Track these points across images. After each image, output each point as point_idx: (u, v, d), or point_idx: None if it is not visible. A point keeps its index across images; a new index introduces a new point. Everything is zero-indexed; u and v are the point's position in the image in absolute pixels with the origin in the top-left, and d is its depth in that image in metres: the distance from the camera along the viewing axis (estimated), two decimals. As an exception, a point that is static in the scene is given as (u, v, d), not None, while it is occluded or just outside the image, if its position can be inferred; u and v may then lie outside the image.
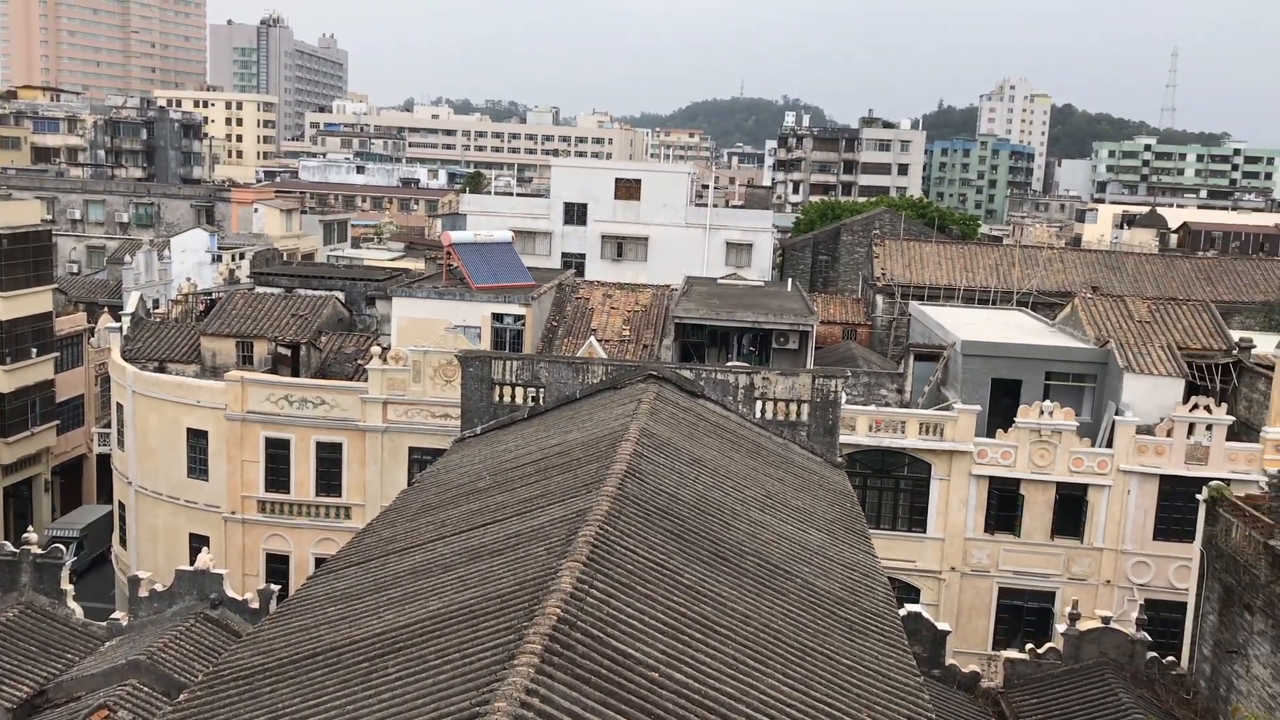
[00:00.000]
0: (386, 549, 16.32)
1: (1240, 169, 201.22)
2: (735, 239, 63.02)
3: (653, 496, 15.67)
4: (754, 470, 20.34)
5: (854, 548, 18.19)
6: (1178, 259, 57.94)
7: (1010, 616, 35.12)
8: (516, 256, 44.68)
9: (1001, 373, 36.70)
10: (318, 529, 36.85)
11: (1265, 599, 23.89)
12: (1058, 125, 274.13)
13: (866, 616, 14.91)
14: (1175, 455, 33.80)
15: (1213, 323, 39.54)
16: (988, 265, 53.11)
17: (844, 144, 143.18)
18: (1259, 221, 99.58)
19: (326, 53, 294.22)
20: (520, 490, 17.20)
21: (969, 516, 34.89)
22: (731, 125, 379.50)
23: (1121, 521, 34.28)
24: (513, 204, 67.36)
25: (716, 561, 14.52)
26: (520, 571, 12.65)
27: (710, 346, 41.50)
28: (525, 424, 23.33)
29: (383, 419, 36.27)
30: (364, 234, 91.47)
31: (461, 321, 39.64)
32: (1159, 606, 32.78)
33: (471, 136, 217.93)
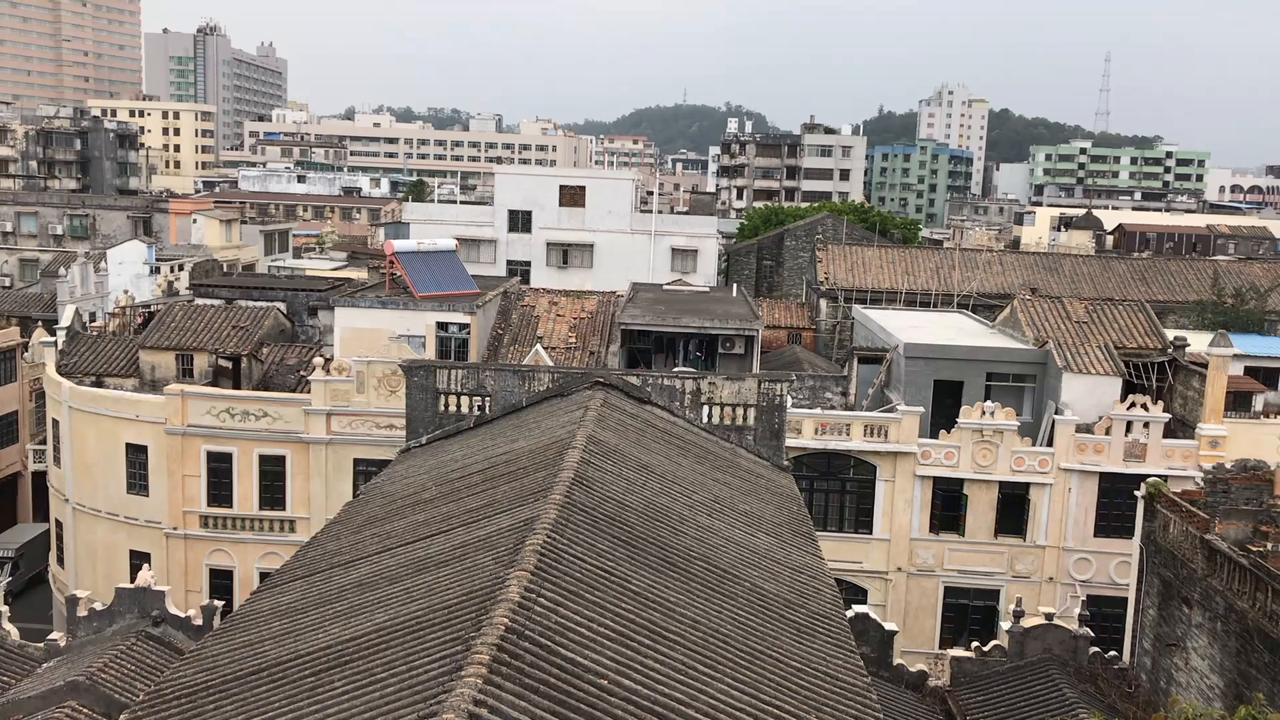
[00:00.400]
0: (331, 562, 16.15)
1: (1173, 171, 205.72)
2: (680, 245, 63.20)
3: (601, 503, 15.67)
4: (702, 475, 20.41)
5: (801, 550, 18.31)
6: (1113, 260, 59.05)
7: (956, 615, 35.53)
8: (460, 265, 44.46)
9: (943, 374, 37.16)
10: (262, 543, 36.36)
11: (1202, 592, 24.40)
12: (995, 130, 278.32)
13: (814, 618, 15.01)
14: (1114, 453, 34.43)
15: (1148, 322, 40.34)
16: (929, 268, 53.76)
17: (786, 150, 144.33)
18: (1191, 222, 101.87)
19: (265, 61, 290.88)
20: (467, 500, 17.11)
21: (914, 517, 35.26)
22: (675, 132, 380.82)
23: (1063, 519, 34.84)
24: (456, 212, 67.03)
25: (665, 567, 14.55)
26: (467, 582, 12.58)
27: (657, 352, 41.59)
28: (471, 433, 23.21)
29: (327, 431, 35.88)
30: (306, 244, 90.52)
31: (406, 331, 39.36)
32: (1101, 602, 33.33)
33: (414, 144, 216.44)
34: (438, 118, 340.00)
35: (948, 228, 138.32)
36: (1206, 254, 78.33)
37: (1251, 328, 45.51)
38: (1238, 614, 22.84)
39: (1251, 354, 40.50)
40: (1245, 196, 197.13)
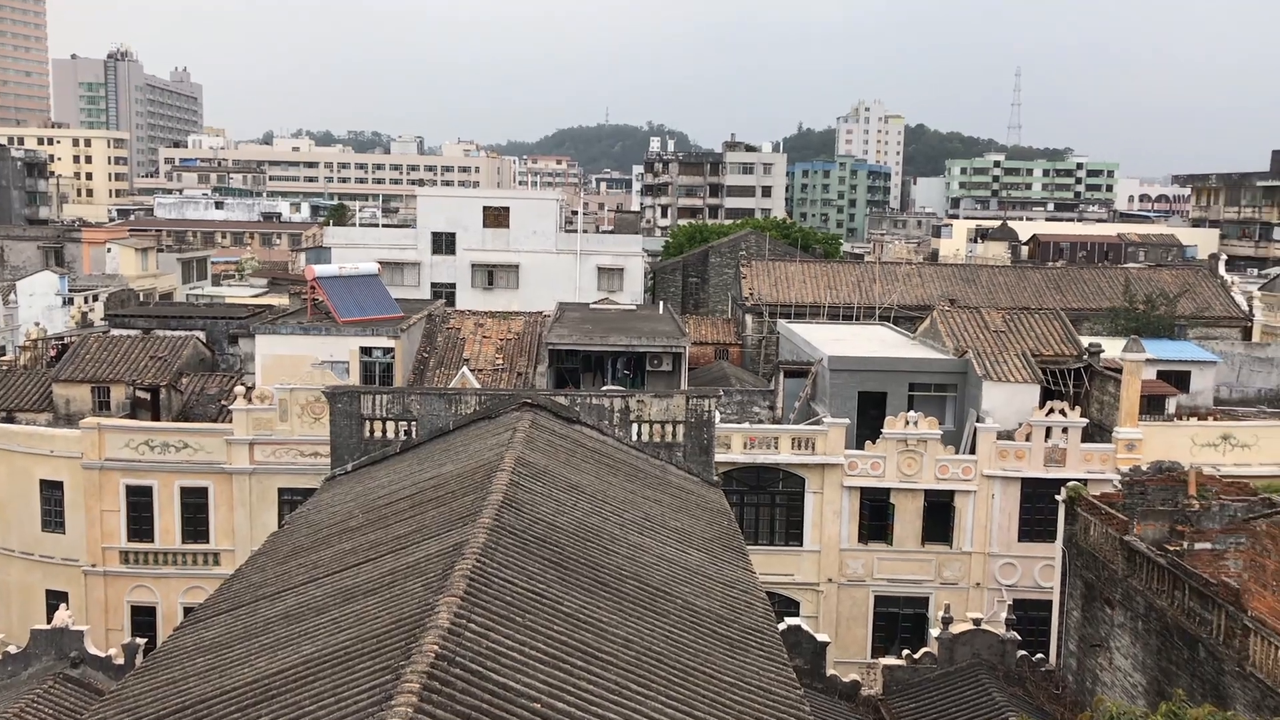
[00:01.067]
0: (257, 594, 15.84)
1: (1083, 182, 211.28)
2: (606, 264, 63.32)
3: (530, 525, 15.59)
4: (632, 493, 20.41)
5: (732, 565, 18.39)
6: (1029, 270, 60.38)
7: (887, 624, 35.92)
8: (383, 288, 44.04)
9: (867, 386, 37.65)
10: (185, 577, 35.54)
11: (1123, 593, 24.99)
12: (912, 145, 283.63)
13: (746, 633, 15.07)
14: (1034, 459, 35.15)
15: (1064, 330, 41.31)
16: (850, 282, 54.50)
17: (709, 168, 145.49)
18: (1102, 232, 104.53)
19: (179, 86, 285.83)
20: (395, 527, 16.91)
21: (843, 527, 35.62)
22: (598, 152, 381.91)
23: (987, 525, 35.44)
24: (379, 235, 66.41)
25: (597, 587, 14.51)
26: (396, 610, 12.42)
27: (585, 372, 41.56)
28: (398, 459, 22.96)
29: (250, 460, 35.24)
30: (225, 271, 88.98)
31: (329, 357, 38.87)
32: (1026, 606, 33.96)
33: (334, 168, 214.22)
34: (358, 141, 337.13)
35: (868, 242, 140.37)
36: (1118, 262, 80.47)
37: (1162, 333, 46.81)
38: (1157, 612, 23.43)
39: (1163, 358, 41.65)
40: (1153, 205, 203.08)
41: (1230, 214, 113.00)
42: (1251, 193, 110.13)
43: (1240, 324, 52.41)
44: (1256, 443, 35.90)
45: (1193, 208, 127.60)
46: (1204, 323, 51.44)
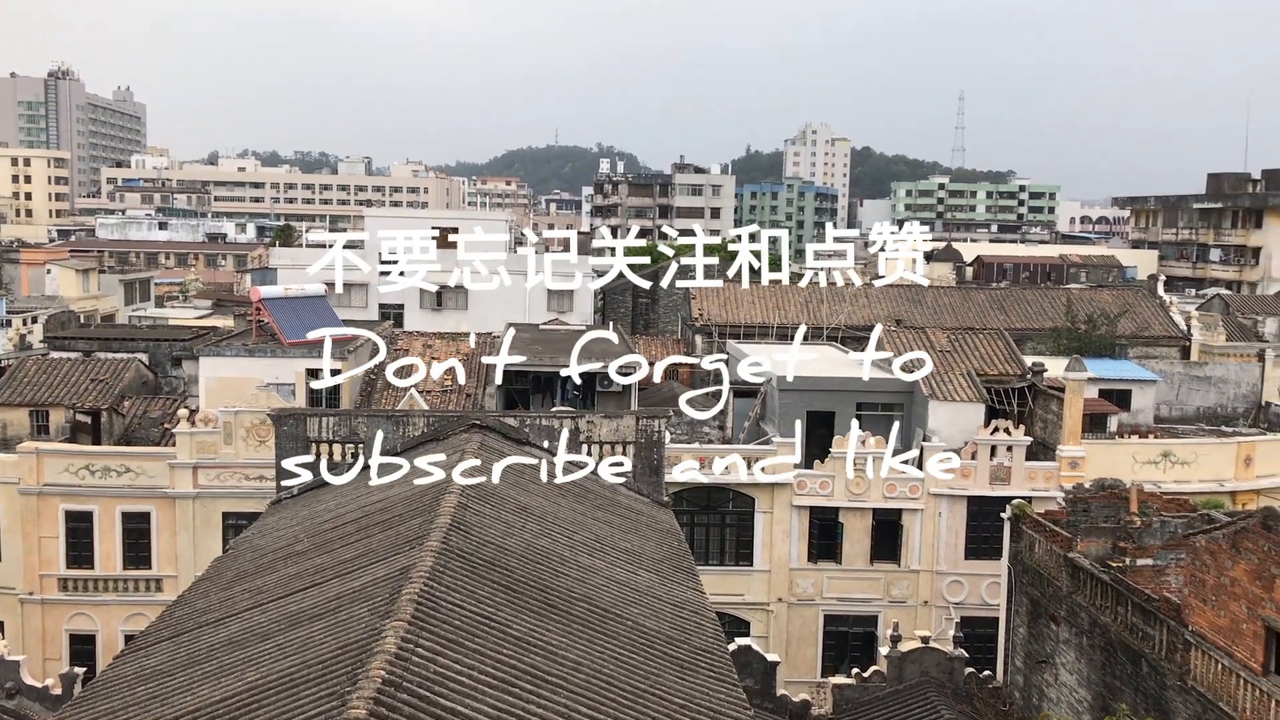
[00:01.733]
0: (200, 621, 15.58)
1: (1026, 204, 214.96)
2: (556, 286, 63.17)
3: (479, 548, 15.49)
4: (582, 515, 20.35)
5: (682, 586, 18.39)
6: (973, 290, 61.22)
7: (837, 643, 36.05)
8: (330, 309, 43.67)
9: (815, 405, 37.87)
10: (126, 604, 34.83)
11: (1068, 609, 25.31)
12: (858, 167, 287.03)
13: (696, 654, 15.07)
14: (980, 477, 35.55)
15: (1007, 349, 41.90)
16: (798, 303, 54.92)
17: (658, 189, 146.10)
18: (1045, 253, 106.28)
19: (122, 105, 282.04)
20: (341, 550, 16.72)
21: (793, 547, 35.75)
22: (548, 173, 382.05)
23: (935, 543, 35.75)
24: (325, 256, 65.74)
25: (546, 610, 14.44)
26: (342, 635, 12.28)
27: (535, 393, 41.40)
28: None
29: (193, 484, 34.70)
30: (169, 292, 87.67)
31: (274, 379, 38.42)
32: (974, 623, 34.23)
33: (281, 188, 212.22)
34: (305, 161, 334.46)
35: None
36: (1060, 283, 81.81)
37: (1104, 352, 47.65)
38: (1101, 628, 23.75)
39: (1105, 377, 42.37)
40: (1094, 227, 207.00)
41: (1169, 236, 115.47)
42: (1189, 215, 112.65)
43: (1179, 343, 53.49)
44: (1195, 460, 36.59)
45: (1132, 229, 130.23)
46: (1144, 342, 52.43)
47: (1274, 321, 68.81)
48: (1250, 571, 19.37)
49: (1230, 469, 36.72)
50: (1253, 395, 46.65)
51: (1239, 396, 46.55)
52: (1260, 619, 19.08)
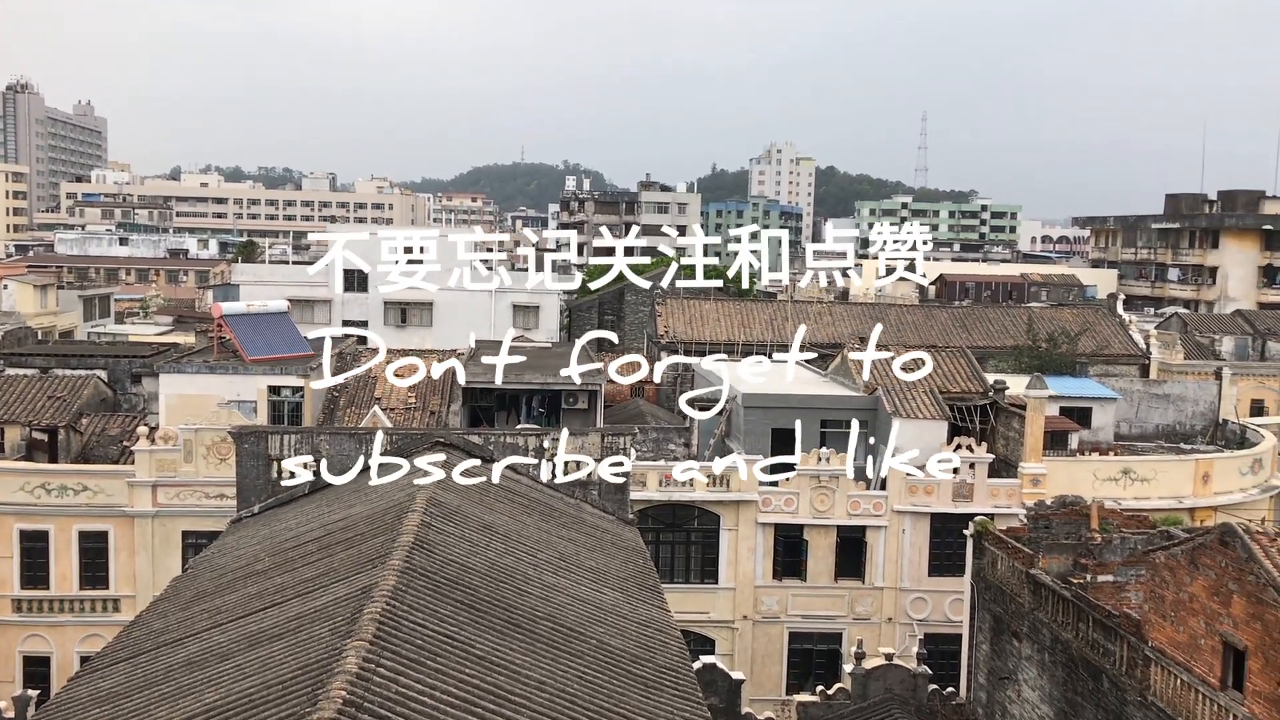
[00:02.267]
0: (158, 641, 15.37)
1: (988, 223, 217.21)
2: (522, 301, 63.14)
3: (442, 567, 15.39)
4: (546, 533, 20.28)
5: (647, 604, 18.35)
6: (936, 309, 61.72)
7: (801, 660, 36.08)
8: (293, 326, 43.35)
9: (780, 422, 37.94)
10: (83, 625, 34.28)
11: (1030, 625, 25.47)
12: (822, 186, 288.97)
13: (661, 672, 15.03)
14: (943, 494, 35.76)
15: (969, 367, 42.24)
16: (763, 320, 55.15)
17: (624, 207, 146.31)
18: (1006, 272, 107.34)
19: (83, 120, 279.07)
20: (302, 570, 16.56)
21: (758, 564, 35.79)
22: (514, 189, 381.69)
23: (898, 560, 35.91)
24: (288, 272, 65.39)
25: (510, 629, 14.36)
26: (303, 655, 12.15)
27: (500, 410, 41.25)
28: (307, 500, 22.53)
29: (152, 503, 34.26)
30: (129, 308, 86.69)
31: (236, 396, 38.06)
32: (937, 640, 34.34)
33: (244, 204, 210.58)
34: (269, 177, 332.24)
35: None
36: (1021, 301, 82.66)
37: (1064, 370, 48.14)
38: (1063, 644, 23.92)
39: (1065, 395, 42.80)
40: (1054, 246, 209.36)
41: (1128, 255, 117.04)
42: (1147, 235, 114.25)
43: (1138, 361, 54.16)
44: (1155, 477, 37.01)
45: (1092, 249, 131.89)
46: (1104, 360, 53.05)
47: (1231, 340, 69.87)
48: (1208, 587, 19.58)
49: (1189, 486, 37.17)
50: (1210, 413, 47.28)
51: (1197, 414, 47.16)
52: (1218, 634, 19.29)
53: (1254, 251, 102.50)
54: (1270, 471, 40.50)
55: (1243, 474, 38.58)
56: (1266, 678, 18.08)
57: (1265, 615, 18.06)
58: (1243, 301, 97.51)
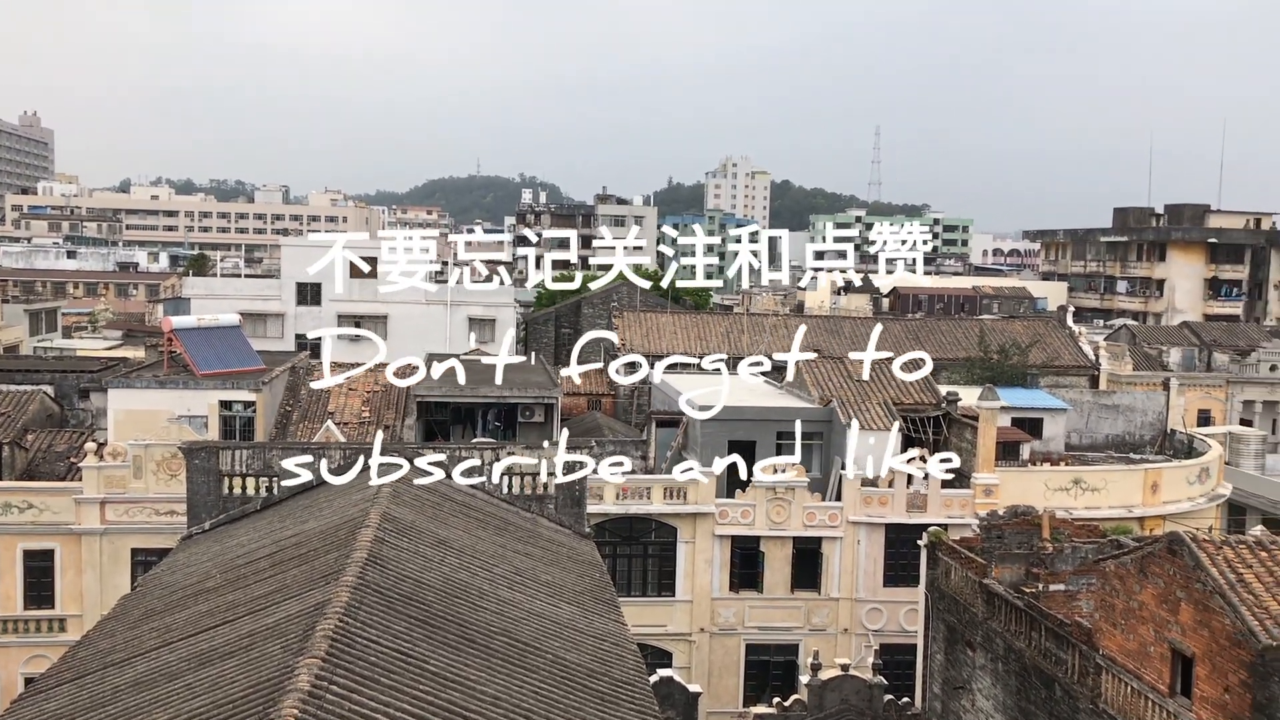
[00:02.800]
0: (105, 661, 15.09)
1: (940, 237, 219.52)
2: (478, 315, 62.93)
3: (397, 583, 15.26)
4: (502, 547, 20.18)
5: (604, 618, 18.30)
6: (890, 321, 62.25)
7: (758, 672, 36.13)
8: (245, 340, 42.89)
9: (737, 434, 38.04)
10: (27, 646, 33.58)
11: (983, 635, 25.70)
12: (778, 200, 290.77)
13: (617, 686, 14.99)
14: (897, 504, 36.02)
15: (923, 379, 42.58)
16: (720, 333, 55.33)
17: (581, 220, 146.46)
18: (959, 284, 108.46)
19: (28, 131, 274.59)
20: (254, 587, 16.35)
21: (715, 576, 35.83)
22: (470, 202, 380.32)
23: (854, 571, 36.09)
24: (240, 286, 64.74)
25: (465, 645, 14.26)
26: (254, 673, 11.98)
27: (455, 424, 41.04)
28: (258, 516, 22.25)
29: (100, 520, 33.66)
30: (77, 322, 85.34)
31: (186, 411, 37.56)
32: (893, 650, 34.51)
33: (195, 217, 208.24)
34: (220, 189, 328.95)
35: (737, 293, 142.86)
36: (973, 314, 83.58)
37: (1016, 381, 48.66)
38: (1015, 653, 24.15)
39: (1017, 406, 43.28)
40: (1005, 259, 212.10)
41: (1077, 268, 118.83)
42: (1096, 248, 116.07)
43: (1088, 372, 54.91)
44: (1105, 486, 37.49)
45: (1042, 262, 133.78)
46: (1054, 371, 53.72)
47: (1178, 351, 71.19)
48: (1157, 595, 19.87)
49: (1138, 495, 37.70)
50: (1158, 423, 48.02)
51: (1145, 424, 47.87)
52: (1166, 642, 19.56)
53: (1199, 264, 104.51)
54: (1217, 480, 41.22)
55: (1190, 483, 39.20)
56: (1213, 683, 18.36)
57: (1212, 622, 18.34)
58: (1189, 313, 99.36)
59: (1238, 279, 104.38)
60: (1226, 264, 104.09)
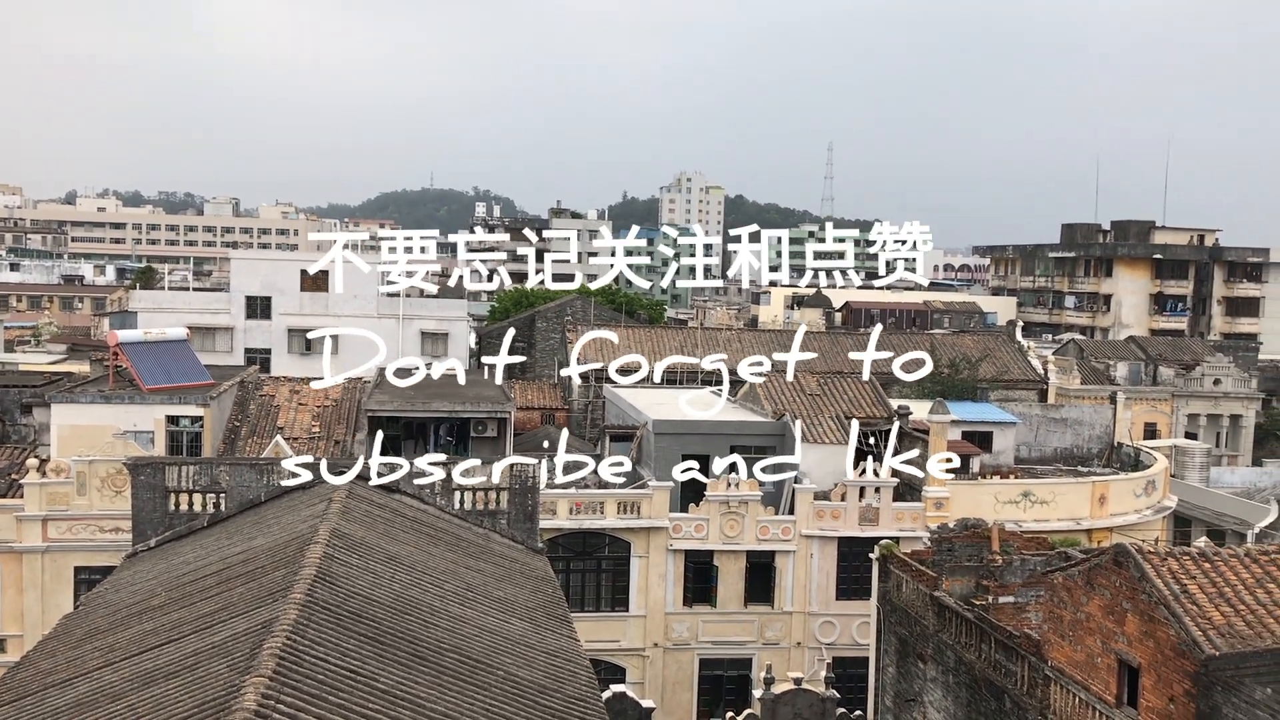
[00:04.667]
0: (45, 682, 14.77)
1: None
2: (430, 328, 62.59)
3: (346, 600, 15.09)
4: (453, 563, 20.03)
5: (556, 634, 18.21)
6: (842, 335, 62.65)
7: (712, 686, 36.13)
8: (192, 354, 42.32)
9: (691, 448, 38.04)
10: (-34, 667, 32.80)
11: (935, 647, 25.87)
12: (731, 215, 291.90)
13: (569, 703, 14.91)
14: (850, 518, 36.23)
15: (874, 393, 42.95)
16: (674, 347, 55.40)
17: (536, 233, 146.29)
18: (910, 299, 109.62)
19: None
20: (200, 605, 16.09)
21: (668, 591, 35.81)
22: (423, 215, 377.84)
23: (807, 584, 36.23)
24: (189, 299, 63.90)
25: (415, 662, 14.12)
26: (199, 693, 11.78)
27: (406, 439, 40.72)
28: (205, 533, 21.93)
29: (42, 538, 32.99)
30: (19, 336, 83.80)
31: (132, 426, 36.96)
32: (845, 663, 34.71)
33: (143, 229, 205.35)
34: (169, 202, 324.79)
35: (691, 308, 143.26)
36: (924, 328, 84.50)
37: (966, 395, 49.20)
38: (966, 665, 24.33)
39: (967, 419, 43.77)
40: (956, 275, 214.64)
41: (1026, 283, 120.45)
42: (1044, 263, 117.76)
43: (1037, 386, 55.60)
44: (1054, 499, 37.96)
45: (992, 277, 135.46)
46: (1003, 385, 54.33)
47: (1124, 365, 72.31)
48: (1104, 607, 20.11)
49: (1086, 508, 38.21)
50: (1106, 436, 48.74)
51: (1093, 437, 48.56)
52: (1113, 652, 19.80)
53: (1145, 280, 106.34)
54: (1163, 493, 41.89)
55: (1137, 495, 39.80)
56: (1158, 693, 18.60)
57: (1157, 633, 18.60)
58: (1135, 328, 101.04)
59: (1182, 294, 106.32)
60: (1171, 279, 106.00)
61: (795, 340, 26.37)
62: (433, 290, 55.99)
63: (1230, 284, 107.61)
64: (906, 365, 26.01)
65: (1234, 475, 58.37)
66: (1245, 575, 19.13)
